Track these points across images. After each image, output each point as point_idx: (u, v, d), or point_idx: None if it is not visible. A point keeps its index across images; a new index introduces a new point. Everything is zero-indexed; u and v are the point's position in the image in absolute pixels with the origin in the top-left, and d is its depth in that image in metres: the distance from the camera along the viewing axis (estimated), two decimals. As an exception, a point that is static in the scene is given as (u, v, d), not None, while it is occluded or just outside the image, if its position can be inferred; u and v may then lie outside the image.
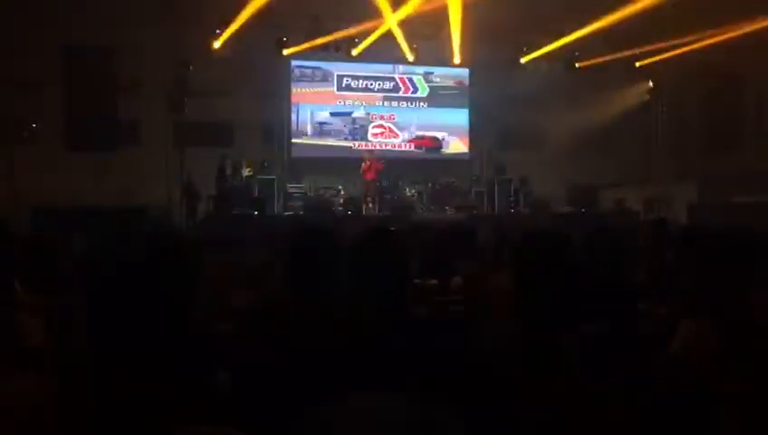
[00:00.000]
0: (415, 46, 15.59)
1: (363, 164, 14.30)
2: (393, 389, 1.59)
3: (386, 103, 16.58)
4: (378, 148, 16.06)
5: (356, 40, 15.08)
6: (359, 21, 13.89)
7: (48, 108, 12.64)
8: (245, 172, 14.17)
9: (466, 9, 12.63)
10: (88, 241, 3.83)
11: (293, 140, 15.86)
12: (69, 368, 2.34)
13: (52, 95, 12.54)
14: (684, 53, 13.39)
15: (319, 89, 16.07)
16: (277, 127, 15.81)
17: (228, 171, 13.63)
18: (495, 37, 14.94)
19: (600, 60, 14.98)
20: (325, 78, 16.12)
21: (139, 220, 10.57)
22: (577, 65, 15.87)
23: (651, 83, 15.77)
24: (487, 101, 15.97)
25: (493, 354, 2.07)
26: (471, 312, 2.95)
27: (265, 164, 14.40)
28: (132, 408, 1.84)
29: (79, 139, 12.41)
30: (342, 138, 16.24)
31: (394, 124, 16.56)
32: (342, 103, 16.32)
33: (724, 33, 12.10)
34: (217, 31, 13.97)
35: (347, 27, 14.25)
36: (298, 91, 15.95)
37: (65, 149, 12.58)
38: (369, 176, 14.30)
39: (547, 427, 1.80)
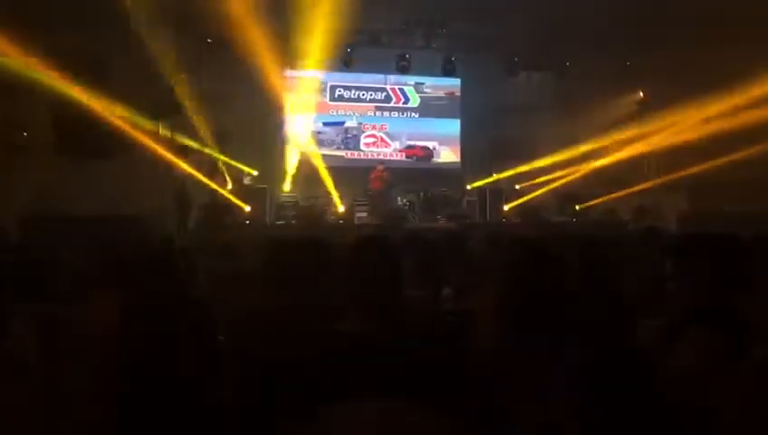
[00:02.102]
0: (407, 56, 15.68)
1: (372, 172, 14.69)
2: (383, 398, 1.61)
3: (378, 113, 16.70)
4: (370, 157, 16.20)
5: (348, 50, 15.15)
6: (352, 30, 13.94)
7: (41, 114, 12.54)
8: (246, 181, 14.21)
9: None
10: (80, 250, 3.84)
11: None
12: (62, 378, 2.36)
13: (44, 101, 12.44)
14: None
15: (312, 99, 16.14)
16: (270, 136, 15.83)
17: (220, 180, 13.65)
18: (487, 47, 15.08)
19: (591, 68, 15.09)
20: (319, 88, 16.20)
21: (132, 229, 10.53)
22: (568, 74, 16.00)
23: (641, 93, 15.86)
24: (479, 111, 16.12)
25: (483, 365, 2.10)
26: (462, 323, 2.97)
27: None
28: (126, 418, 1.86)
29: (71, 146, 12.34)
30: (335, 147, 16.34)
31: (386, 134, 16.68)
32: (335, 113, 16.42)
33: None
34: (209, 40, 14.00)
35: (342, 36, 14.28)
36: (292, 101, 16.02)
37: (58, 157, 12.50)
38: (376, 185, 14.60)
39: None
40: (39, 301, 2.75)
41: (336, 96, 16.42)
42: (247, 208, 13.65)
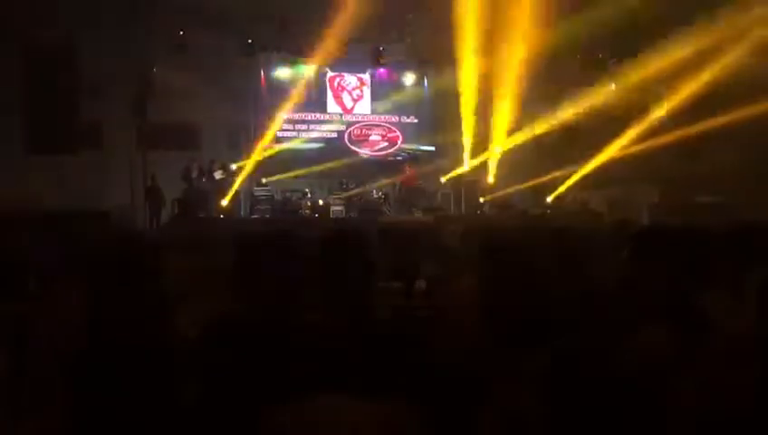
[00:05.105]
0: (381, 48, 15.65)
1: (404, 173, 15.41)
2: (357, 393, 1.60)
3: (355, 108, 16.96)
4: (350, 147, 16.55)
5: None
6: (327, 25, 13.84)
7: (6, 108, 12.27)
8: (218, 175, 14.04)
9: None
10: (48, 247, 3.78)
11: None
12: (27, 377, 2.31)
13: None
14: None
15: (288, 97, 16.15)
16: (245, 130, 15.73)
17: (194, 174, 13.51)
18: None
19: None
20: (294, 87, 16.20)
21: (101, 225, 10.38)
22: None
23: (613, 85, 15.94)
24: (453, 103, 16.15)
25: (456, 359, 2.09)
26: (435, 316, 2.97)
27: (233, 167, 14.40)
28: (93, 421, 1.82)
29: (39, 141, 12.13)
30: (315, 135, 16.50)
31: (364, 126, 16.98)
32: (312, 109, 16.53)
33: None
34: (181, 33, 13.84)
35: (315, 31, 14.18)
36: (268, 97, 16.01)
37: (24, 152, 12.29)
38: (412, 182, 15.21)
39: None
40: (3, 300, 2.69)
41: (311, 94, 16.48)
42: (223, 203, 13.58)
